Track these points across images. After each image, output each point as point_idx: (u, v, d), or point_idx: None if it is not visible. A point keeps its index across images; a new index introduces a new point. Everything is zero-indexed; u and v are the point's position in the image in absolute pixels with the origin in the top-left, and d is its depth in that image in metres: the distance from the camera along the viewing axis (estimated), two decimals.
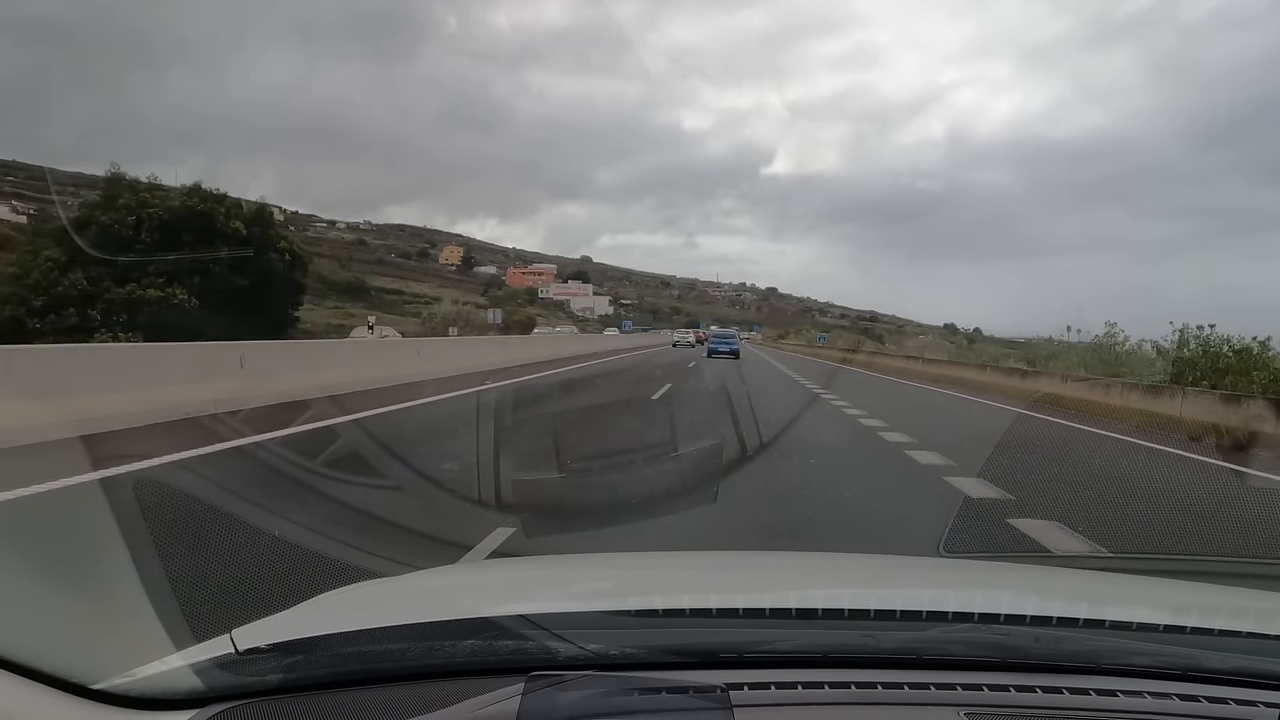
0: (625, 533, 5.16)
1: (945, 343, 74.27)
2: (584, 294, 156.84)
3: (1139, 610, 1.69)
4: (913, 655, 1.32)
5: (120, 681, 1.20)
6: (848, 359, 41.29)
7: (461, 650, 1.28)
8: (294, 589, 3.00)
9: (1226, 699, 1.24)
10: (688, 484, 6.70)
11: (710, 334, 56.42)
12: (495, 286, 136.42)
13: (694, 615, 1.52)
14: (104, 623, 2.33)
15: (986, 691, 1.23)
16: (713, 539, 5.01)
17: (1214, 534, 5.94)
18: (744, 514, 5.76)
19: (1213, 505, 7.25)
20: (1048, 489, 7.29)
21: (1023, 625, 1.44)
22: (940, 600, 1.67)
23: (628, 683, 1.19)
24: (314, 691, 1.20)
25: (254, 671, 1.22)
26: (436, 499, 5.93)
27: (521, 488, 6.20)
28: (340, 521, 4.88)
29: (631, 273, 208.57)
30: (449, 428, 9.91)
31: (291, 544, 4.19)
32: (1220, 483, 8.65)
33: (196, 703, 1.17)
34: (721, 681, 1.19)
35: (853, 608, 1.57)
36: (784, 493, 6.51)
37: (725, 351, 39.57)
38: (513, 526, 4.77)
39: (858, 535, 5.43)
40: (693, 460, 7.71)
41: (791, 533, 5.33)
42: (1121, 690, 1.25)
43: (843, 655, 1.32)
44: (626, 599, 1.70)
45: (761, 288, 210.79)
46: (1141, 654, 1.36)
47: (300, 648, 1.29)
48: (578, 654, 1.25)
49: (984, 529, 5.59)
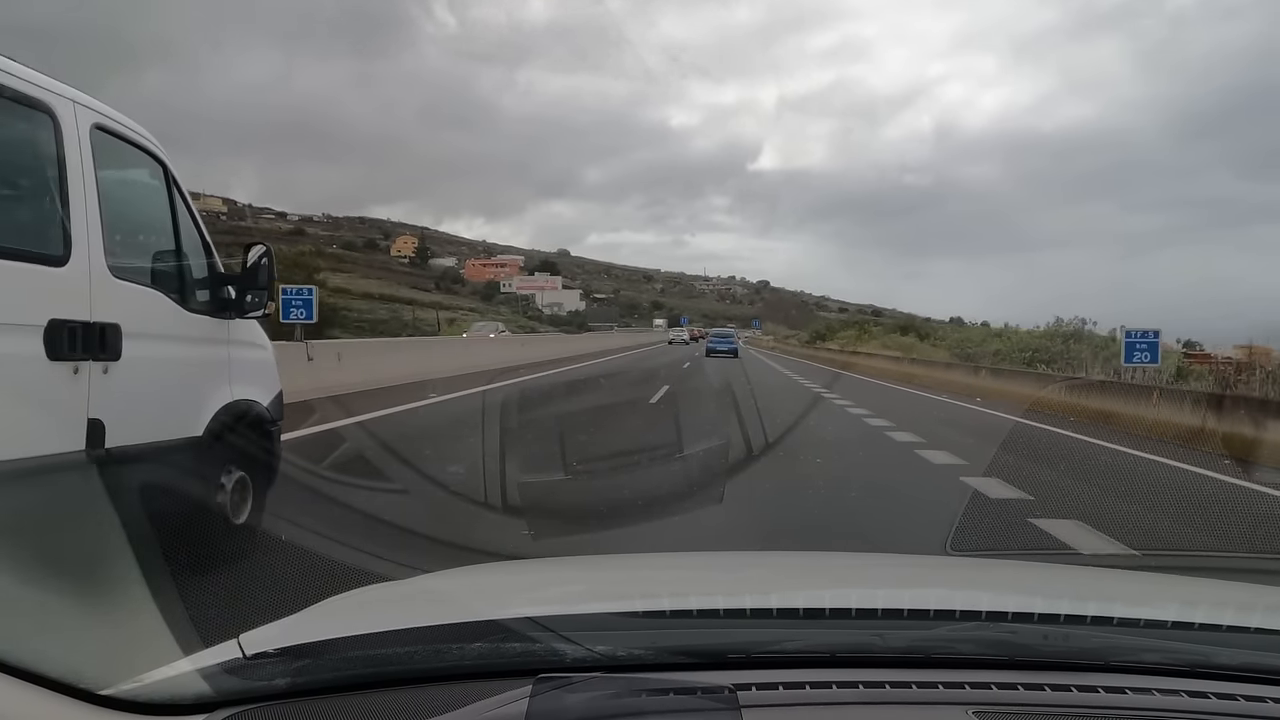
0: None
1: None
2: (552, 287, 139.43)
3: (1147, 607, 1.68)
4: (920, 654, 1.32)
5: (127, 687, 1.20)
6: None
7: (469, 653, 1.28)
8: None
9: (1235, 695, 1.24)
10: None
11: (710, 333, 57.12)
12: (451, 280, 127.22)
13: (701, 616, 1.52)
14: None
15: (995, 690, 1.23)
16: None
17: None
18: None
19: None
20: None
21: (1031, 623, 1.43)
22: (948, 599, 1.67)
23: (635, 684, 1.19)
24: (322, 695, 1.20)
25: (262, 676, 1.22)
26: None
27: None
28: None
29: (613, 266, 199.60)
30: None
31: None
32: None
33: (204, 708, 1.17)
34: (729, 682, 1.19)
35: (860, 607, 1.56)
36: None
37: (724, 350, 42.13)
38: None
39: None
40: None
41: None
42: (1130, 687, 1.24)
43: (850, 655, 1.32)
44: (633, 600, 1.70)
45: (753, 281, 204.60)
46: (1150, 651, 1.35)
47: (307, 652, 1.29)
48: (585, 655, 1.25)
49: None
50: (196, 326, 4.37)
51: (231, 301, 4.57)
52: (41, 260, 3.35)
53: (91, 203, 3.56)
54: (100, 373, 3.55)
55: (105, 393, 3.56)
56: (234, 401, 4.55)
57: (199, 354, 4.40)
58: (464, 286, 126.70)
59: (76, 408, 3.45)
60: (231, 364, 4.63)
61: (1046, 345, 31.49)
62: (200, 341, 4.40)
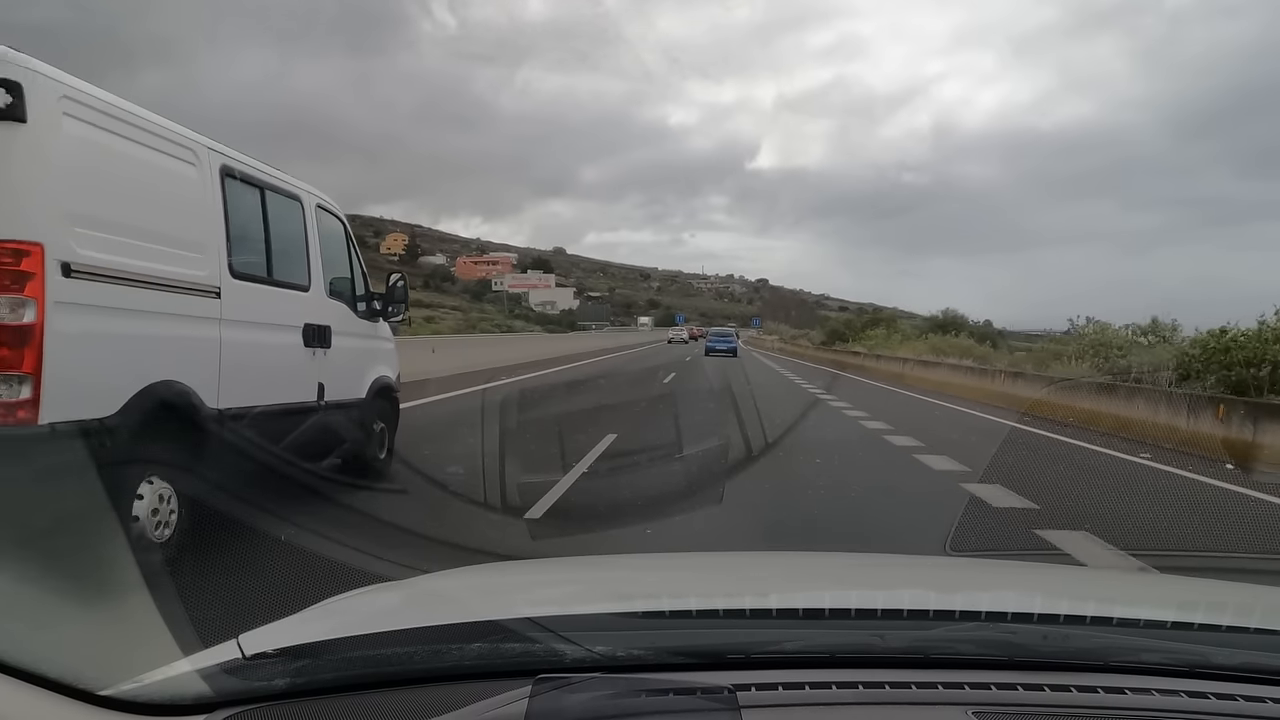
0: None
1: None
2: (545, 285, 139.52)
3: (1146, 607, 1.68)
4: (920, 654, 1.32)
5: (127, 688, 1.20)
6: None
7: (468, 653, 1.28)
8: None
9: (1235, 695, 1.23)
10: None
11: (709, 332, 57.34)
12: (441, 278, 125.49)
13: (700, 616, 1.52)
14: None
15: (994, 690, 1.23)
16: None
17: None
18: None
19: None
20: None
21: (1030, 624, 1.43)
22: (947, 599, 1.67)
23: (635, 684, 1.19)
24: (321, 696, 1.20)
25: (261, 676, 1.22)
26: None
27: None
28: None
29: (609, 265, 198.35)
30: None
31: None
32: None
33: (204, 708, 1.17)
34: (729, 682, 1.19)
35: (859, 607, 1.56)
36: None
37: (723, 350, 42.63)
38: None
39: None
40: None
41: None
42: (1129, 688, 1.24)
43: (850, 655, 1.31)
44: (633, 600, 1.70)
45: (751, 279, 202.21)
46: (1149, 651, 1.35)
47: (307, 652, 1.29)
48: (584, 656, 1.25)
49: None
50: (362, 328, 6.79)
51: (379, 311, 7.06)
52: (300, 289, 5.84)
53: (315, 252, 6.08)
54: (323, 355, 5.97)
55: (324, 368, 5.97)
56: (380, 377, 7.01)
57: (364, 346, 6.84)
58: (454, 285, 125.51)
59: (314, 376, 5.86)
60: (378, 353, 7.13)
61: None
62: (365, 337, 6.84)
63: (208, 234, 4.78)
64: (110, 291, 3.96)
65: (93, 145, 3.98)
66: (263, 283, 5.33)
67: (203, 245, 4.72)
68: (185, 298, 4.51)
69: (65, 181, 3.78)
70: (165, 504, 4.17)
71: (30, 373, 3.49)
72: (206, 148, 4.89)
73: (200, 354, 4.61)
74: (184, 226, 4.62)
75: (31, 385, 3.49)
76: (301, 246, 5.91)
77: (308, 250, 5.95)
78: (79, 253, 3.75)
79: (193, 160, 4.74)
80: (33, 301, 3.51)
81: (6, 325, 3.46)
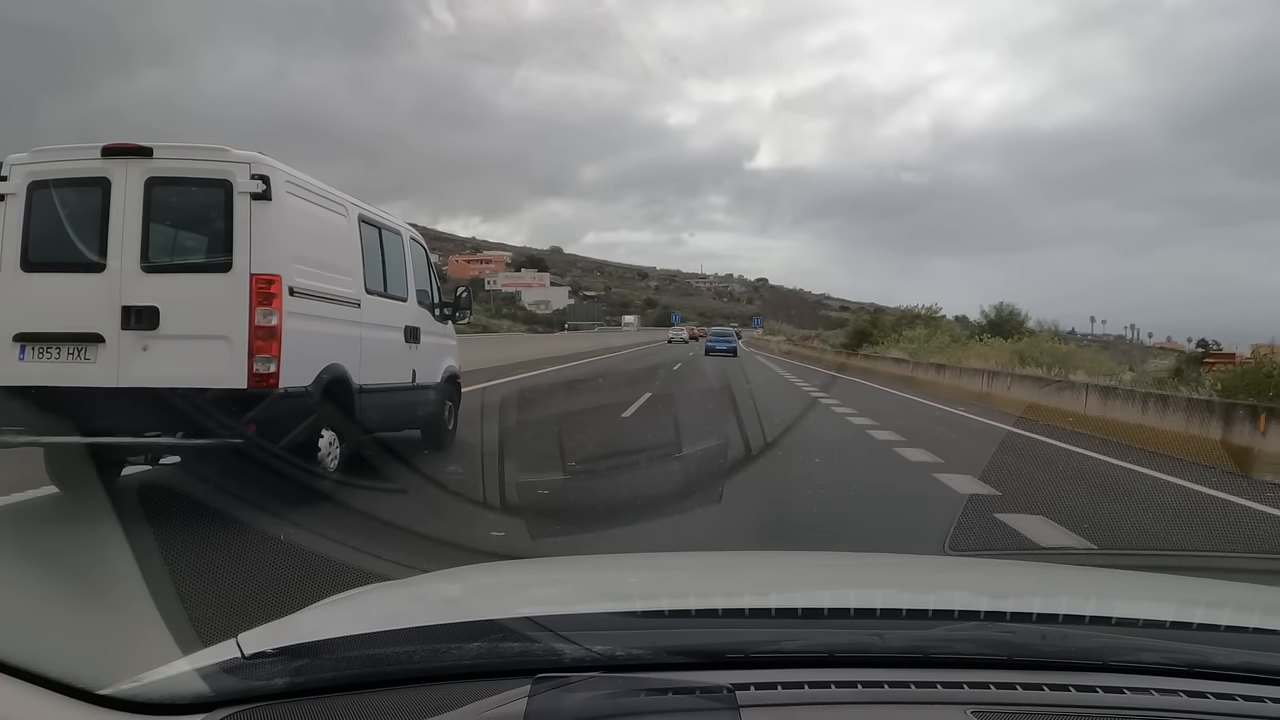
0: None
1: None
2: (539, 284, 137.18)
3: (1145, 607, 1.68)
4: (919, 654, 1.32)
5: (126, 687, 1.20)
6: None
7: (467, 653, 1.28)
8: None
9: (1234, 695, 1.23)
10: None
11: (709, 332, 57.49)
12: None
13: (700, 615, 1.52)
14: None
15: (993, 690, 1.23)
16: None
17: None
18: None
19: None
20: None
21: (1029, 623, 1.43)
22: (946, 599, 1.67)
23: (634, 684, 1.19)
24: (320, 695, 1.20)
25: (260, 676, 1.22)
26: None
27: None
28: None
29: (606, 264, 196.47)
30: None
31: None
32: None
33: (203, 707, 1.17)
34: (728, 682, 1.19)
35: (859, 607, 1.56)
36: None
37: (723, 350, 43.13)
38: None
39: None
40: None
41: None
42: (1128, 687, 1.24)
43: (849, 655, 1.31)
44: (632, 600, 1.70)
45: (751, 279, 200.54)
46: (1148, 650, 1.35)
47: (306, 651, 1.29)
48: (584, 655, 1.25)
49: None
50: (438, 328, 8.94)
51: (449, 316, 9.30)
52: (401, 299, 7.94)
53: (409, 270, 8.26)
54: (415, 349, 8.06)
55: (415, 358, 8.08)
56: (449, 366, 9.20)
57: (439, 342, 8.96)
58: (445, 284, 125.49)
59: (410, 364, 7.96)
60: (448, 348, 9.29)
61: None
62: (440, 335, 8.99)
63: (353, 263, 6.93)
64: (311, 304, 5.99)
65: (300, 210, 6.03)
66: (382, 296, 7.42)
67: (351, 271, 6.86)
68: (344, 307, 6.60)
69: (289, 235, 5.80)
70: (333, 446, 6.30)
71: (275, 355, 5.47)
72: (351, 202, 7.05)
73: (351, 346, 6.61)
74: (342, 258, 6.75)
75: (276, 364, 5.47)
76: (402, 268, 8.10)
77: (405, 270, 8.16)
78: (297, 280, 5.79)
79: (343, 212, 6.86)
80: (276, 312, 5.49)
81: (263, 326, 5.44)
